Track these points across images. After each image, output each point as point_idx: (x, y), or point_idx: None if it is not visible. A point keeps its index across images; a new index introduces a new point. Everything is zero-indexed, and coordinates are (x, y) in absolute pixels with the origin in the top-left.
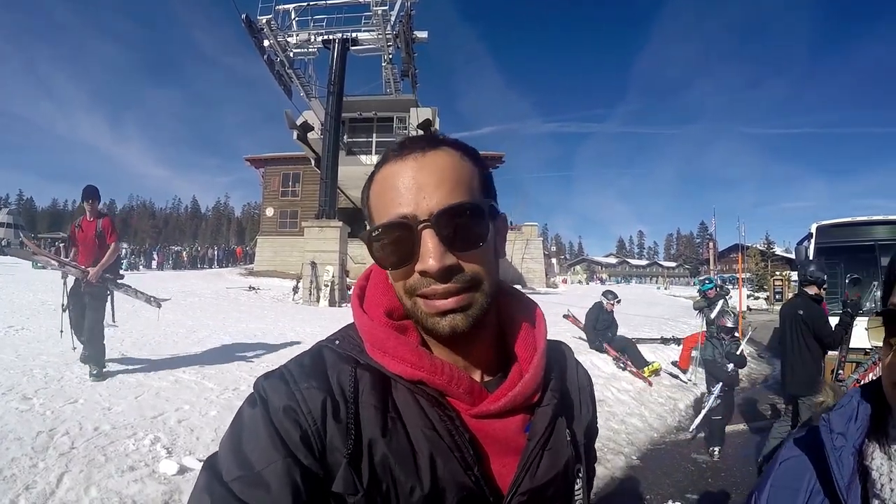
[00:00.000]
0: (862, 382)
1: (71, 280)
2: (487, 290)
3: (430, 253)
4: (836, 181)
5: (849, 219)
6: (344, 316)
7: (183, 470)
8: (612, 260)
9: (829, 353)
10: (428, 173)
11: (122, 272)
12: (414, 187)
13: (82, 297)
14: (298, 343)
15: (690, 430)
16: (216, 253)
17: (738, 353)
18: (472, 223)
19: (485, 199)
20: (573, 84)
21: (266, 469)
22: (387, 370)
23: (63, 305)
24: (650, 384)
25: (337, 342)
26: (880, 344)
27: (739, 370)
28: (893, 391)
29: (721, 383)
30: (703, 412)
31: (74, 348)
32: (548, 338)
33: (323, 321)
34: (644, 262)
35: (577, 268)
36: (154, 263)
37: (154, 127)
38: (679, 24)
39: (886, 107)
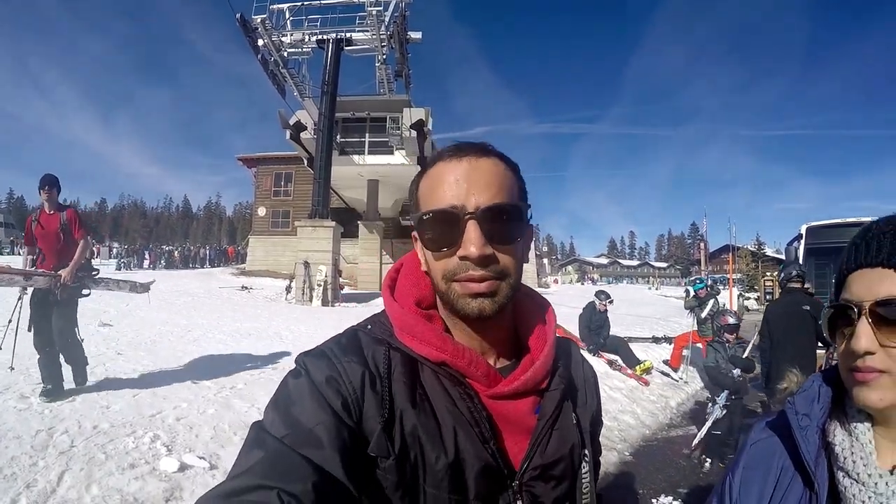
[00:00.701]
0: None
1: (30, 290)
2: (513, 282)
3: (473, 241)
4: (827, 183)
5: (838, 220)
6: (337, 315)
7: (183, 467)
8: (604, 260)
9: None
10: (480, 175)
11: (96, 267)
12: (466, 184)
13: (49, 308)
14: (294, 342)
15: (693, 445)
16: (208, 253)
17: (744, 355)
18: (510, 222)
19: (527, 205)
20: (566, 85)
21: (317, 426)
22: (414, 352)
23: (15, 324)
24: (646, 383)
25: (369, 327)
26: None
27: (747, 375)
28: (848, 375)
29: (727, 391)
30: (707, 426)
31: (44, 384)
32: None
33: (316, 321)
34: (635, 263)
35: (569, 268)
36: (146, 263)
37: (146, 125)
38: (672, 26)
39: (877, 110)
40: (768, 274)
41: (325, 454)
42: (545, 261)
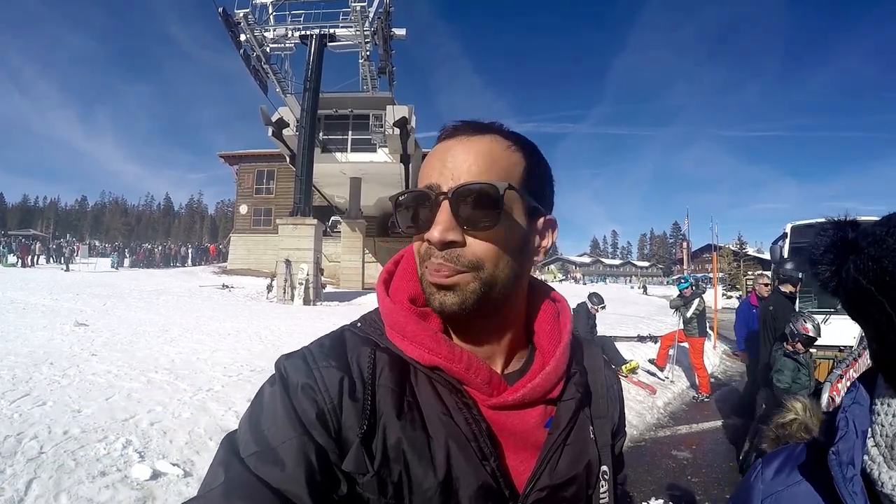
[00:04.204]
0: (845, 378)
1: None
2: (485, 277)
3: (438, 223)
4: (807, 183)
5: (823, 219)
6: (319, 315)
7: (156, 475)
8: (587, 259)
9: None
10: (467, 153)
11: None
12: (449, 163)
13: None
14: (274, 342)
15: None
16: (189, 251)
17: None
18: (483, 205)
19: (506, 185)
20: (550, 85)
21: (281, 446)
22: (404, 354)
23: None
24: (653, 391)
25: (359, 325)
26: None
27: None
28: None
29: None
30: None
31: None
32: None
33: (298, 320)
34: (618, 262)
35: (552, 267)
36: (126, 262)
37: (127, 122)
38: (655, 26)
39: (855, 112)
40: (750, 273)
41: (286, 475)
42: None
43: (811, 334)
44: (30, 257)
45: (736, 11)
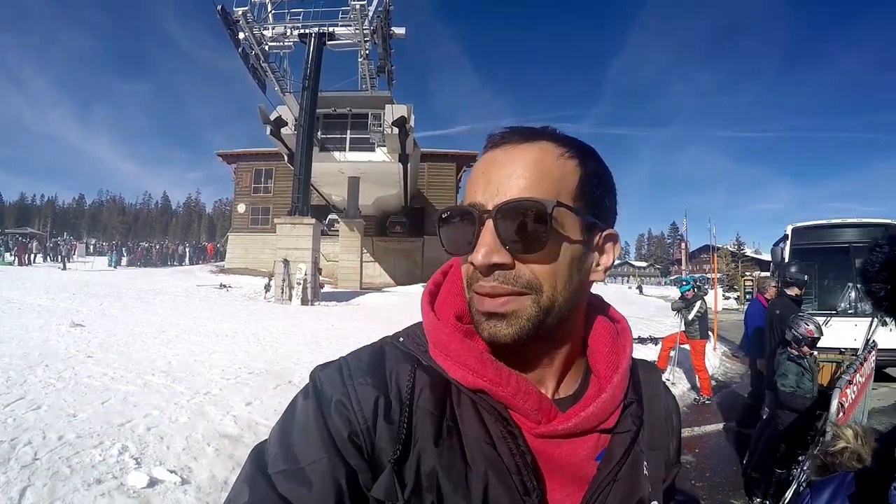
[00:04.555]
0: (853, 384)
1: None
2: (544, 302)
3: (482, 245)
4: (804, 184)
5: (824, 221)
6: (317, 315)
7: (153, 482)
8: None
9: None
10: (513, 165)
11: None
12: (494, 177)
13: None
14: (272, 343)
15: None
16: (187, 250)
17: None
18: (530, 225)
19: (554, 203)
20: (548, 85)
21: (310, 466)
22: (447, 374)
23: None
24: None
25: (401, 339)
26: None
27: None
28: None
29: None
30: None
31: None
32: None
33: (296, 321)
34: (616, 262)
35: None
36: (124, 260)
37: (125, 120)
38: (653, 27)
39: (852, 114)
40: (748, 274)
41: (313, 496)
42: None
43: (815, 335)
44: (27, 256)
45: (733, 13)
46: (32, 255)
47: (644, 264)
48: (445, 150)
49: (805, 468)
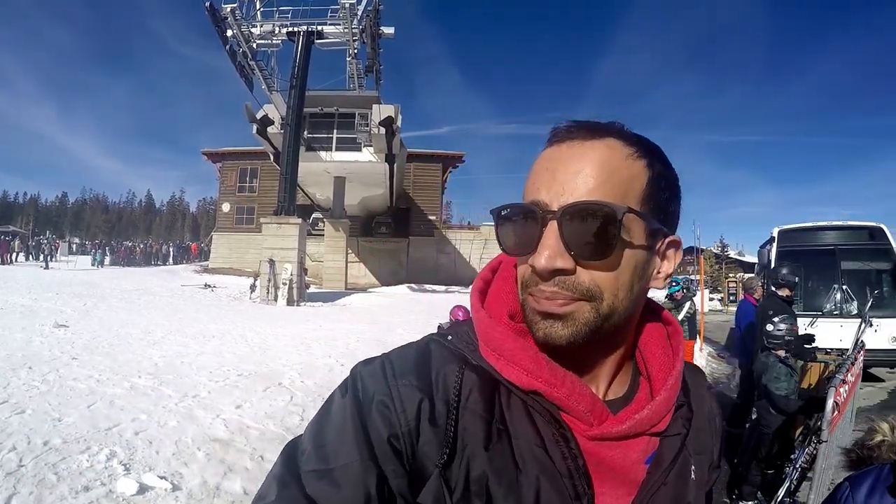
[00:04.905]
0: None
1: None
2: (604, 309)
3: (544, 249)
4: (786, 188)
5: (810, 223)
6: (304, 316)
7: (143, 489)
8: None
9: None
10: (580, 162)
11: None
12: (559, 175)
13: None
14: (260, 344)
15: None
16: (171, 249)
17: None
18: (598, 230)
19: (625, 209)
20: (533, 86)
21: (342, 467)
22: (500, 375)
23: None
24: None
25: (449, 337)
26: None
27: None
28: None
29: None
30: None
31: None
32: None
33: (283, 322)
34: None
35: None
36: (107, 260)
37: (108, 118)
38: (638, 31)
39: (834, 118)
40: (731, 275)
41: (341, 498)
42: None
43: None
44: (8, 254)
45: (717, 18)
46: (14, 254)
47: None
48: (432, 151)
49: (797, 466)
